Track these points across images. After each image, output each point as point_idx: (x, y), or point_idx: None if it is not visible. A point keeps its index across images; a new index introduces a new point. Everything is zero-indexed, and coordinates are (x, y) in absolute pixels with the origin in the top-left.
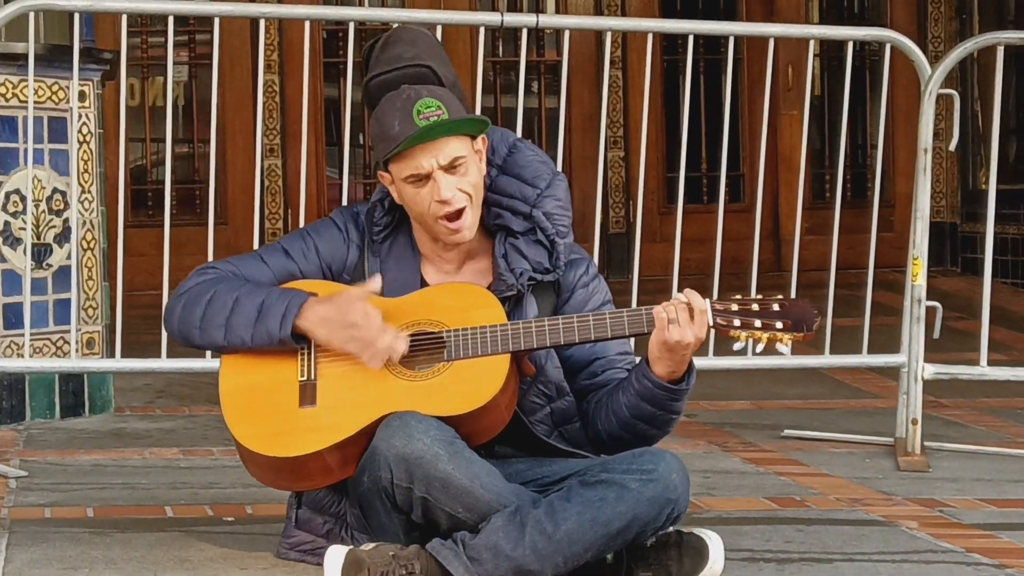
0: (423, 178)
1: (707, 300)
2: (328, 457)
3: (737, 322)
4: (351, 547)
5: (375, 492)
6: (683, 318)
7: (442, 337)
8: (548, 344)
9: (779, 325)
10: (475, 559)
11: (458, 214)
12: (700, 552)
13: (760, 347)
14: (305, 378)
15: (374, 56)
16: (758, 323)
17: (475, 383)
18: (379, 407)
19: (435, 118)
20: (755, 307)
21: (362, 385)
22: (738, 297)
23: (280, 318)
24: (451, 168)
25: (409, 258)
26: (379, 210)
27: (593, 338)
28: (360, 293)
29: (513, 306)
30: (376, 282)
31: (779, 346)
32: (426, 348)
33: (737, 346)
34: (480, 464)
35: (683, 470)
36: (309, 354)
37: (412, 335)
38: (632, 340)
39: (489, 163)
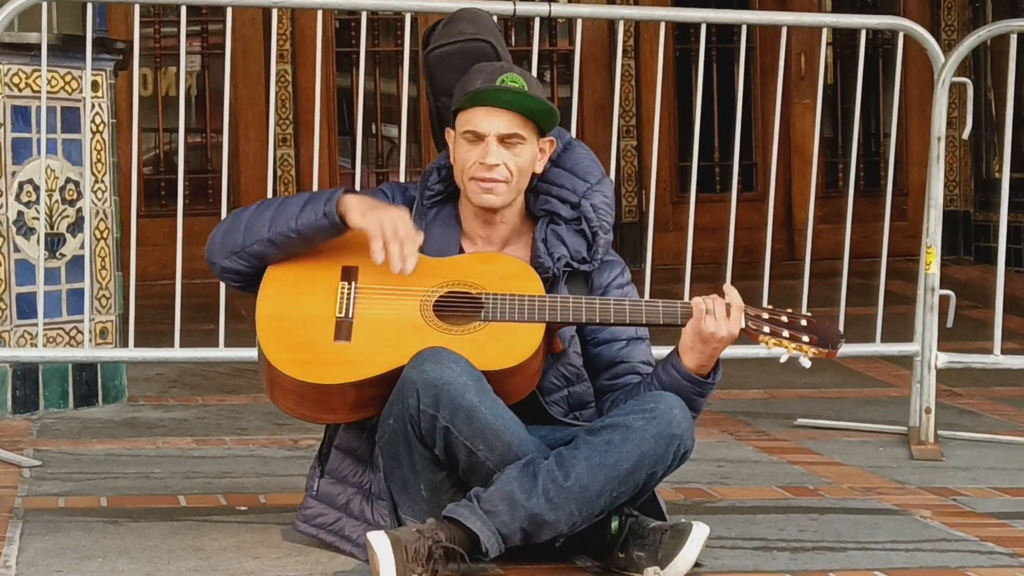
0: (479, 138)
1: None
2: (352, 392)
3: (767, 329)
4: (384, 531)
5: (400, 428)
6: (720, 311)
7: (480, 299)
8: (584, 320)
9: (805, 339)
10: (491, 512)
11: (492, 182)
12: (682, 536)
13: (785, 357)
14: (343, 315)
15: (436, 32)
16: (786, 333)
17: (508, 344)
18: (411, 352)
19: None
20: (784, 319)
21: (397, 330)
22: (770, 307)
23: (325, 200)
24: (507, 141)
25: (452, 228)
26: (435, 176)
27: (628, 321)
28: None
29: (546, 290)
30: (421, 237)
31: (802, 358)
32: (463, 308)
33: (763, 351)
34: (504, 407)
35: (684, 407)
36: (349, 293)
37: (451, 292)
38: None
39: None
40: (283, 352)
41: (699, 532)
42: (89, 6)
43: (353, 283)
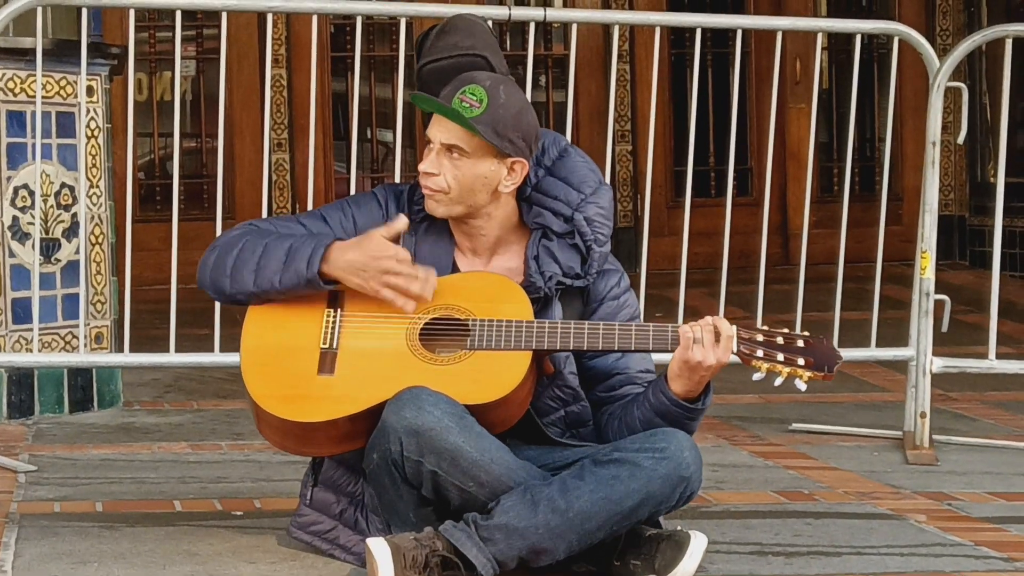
0: (428, 144)
1: (734, 327)
2: (338, 428)
3: (760, 353)
4: (384, 537)
5: (384, 468)
6: (708, 340)
7: (467, 325)
8: (571, 347)
9: (801, 362)
10: (488, 539)
11: (430, 191)
12: (680, 547)
13: (779, 380)
14: (327, 346)
15: (428, 43)
16: (781, 357)
17: (494, 375)
18: (395, 385)
19: (465, 104)
20: (780, 340)
21: (382, 362)
22: (765, 328)
23: (308, 258)
24: (447, 151)
25: (445, 242)
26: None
27: (616, 348)
28: (385, 233)
29: (540, 308)
30: (402, 221)
31: (797, 382)
32: (450, 333)
33: (756, 376)
34: (490, 439)
35: (695, 449)
36: (334, 321)
37: (437, 318)
38: (653, 358)
39: (538, 163)
40: (265, 388)
41: (697, 544)
42: (84, 11)
43: (339, 310)
